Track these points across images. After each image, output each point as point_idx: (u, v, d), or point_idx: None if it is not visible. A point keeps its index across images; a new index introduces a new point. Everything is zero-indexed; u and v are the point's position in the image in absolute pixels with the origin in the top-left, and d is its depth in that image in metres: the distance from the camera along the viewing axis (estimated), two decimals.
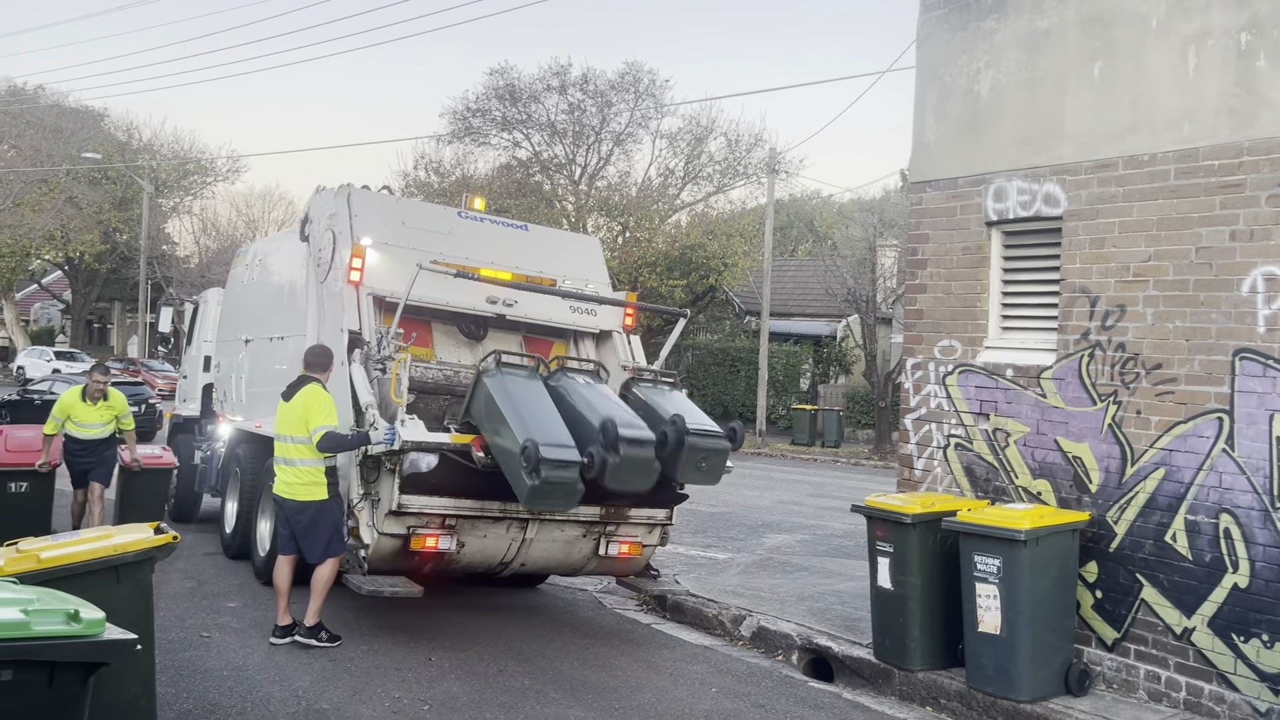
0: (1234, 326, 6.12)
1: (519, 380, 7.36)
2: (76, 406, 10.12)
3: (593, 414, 7.11)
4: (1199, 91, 6.31)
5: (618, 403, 7.58)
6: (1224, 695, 6.09)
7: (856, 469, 24.86)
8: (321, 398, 7.33)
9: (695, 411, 7.73)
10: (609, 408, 7.26)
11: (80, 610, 3.29)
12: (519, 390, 7.23)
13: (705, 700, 6.68)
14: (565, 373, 7.70)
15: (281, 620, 7.31)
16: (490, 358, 7.50)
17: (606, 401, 7.42)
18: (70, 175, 40.52)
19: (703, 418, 7.57)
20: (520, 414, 6.97)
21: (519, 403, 7.08)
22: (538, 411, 7.07)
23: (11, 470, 9.81)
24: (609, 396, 7.59)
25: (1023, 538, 6.28)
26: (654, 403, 7.82)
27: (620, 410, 7.34)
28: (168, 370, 34.48)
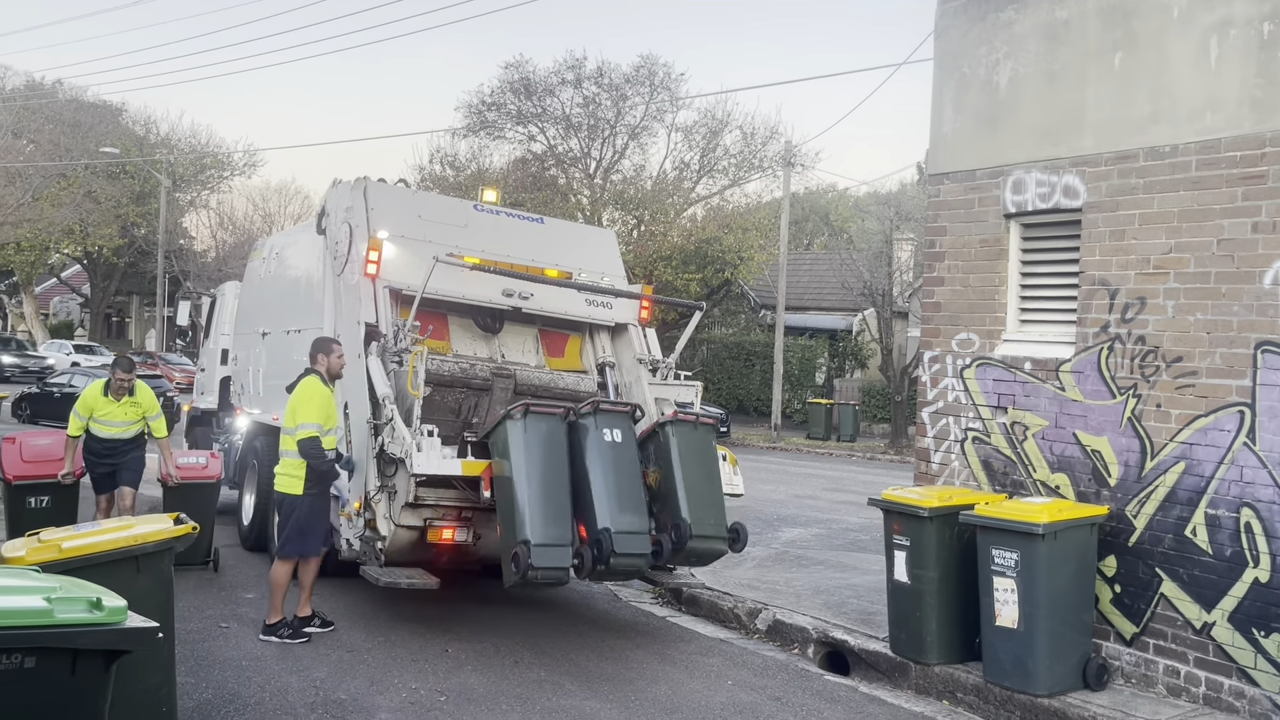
0: (1256, 319, 6.06)
1: (540, 434, 6.98)
2: (99, 402, 9.04)
3: (600, 495, 6.95)
4: (1221, 82, 6.25)
5: (630, 480, 7.15)
6: (1244, 690, 6.04)
7: (872, 463, 24.79)
8: (311, 391, 7.32)
9: (713, 486, 7.46)
10: (615, 493, 6.97)
11: (102, 598, 3.32)
12: (536, 449, 6.93)
13: (721, 693, 6.68)
14: (597, 415, 7.20)
15: (301, 611, 7.35)
16: (519, 407, 7.05)
17: (619, 477, 7.06)
18: (89, 170, 40.76)
19: (715, 498, 7.45)
20: (528, 488, 6.80)
21: (531, 470, 6.85)
22: (545, 487, 6.85)
23: (30, 483, 8.82)
24: (624, 467, 7.14)
25: (1041, 531, 6.24)
26: (676, 472, 7.35)
27: (625, 499, 7.00)
28: (185, 364, 34.70)
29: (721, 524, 7.43)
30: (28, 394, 25.03)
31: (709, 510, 7.36)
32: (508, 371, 8.78)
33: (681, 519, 7.18)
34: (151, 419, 9.18)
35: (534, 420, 6.99)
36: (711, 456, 7.70)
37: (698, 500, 7.32)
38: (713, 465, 7.66)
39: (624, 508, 6.98)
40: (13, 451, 9.01)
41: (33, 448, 9.06)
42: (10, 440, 9.16)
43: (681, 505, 7.26)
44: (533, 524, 6.69)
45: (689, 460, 7.44)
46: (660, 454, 7.50)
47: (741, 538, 7.52)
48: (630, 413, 7.46)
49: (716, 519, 7.39)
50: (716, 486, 7.61)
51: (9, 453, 9.00)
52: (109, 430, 9.04)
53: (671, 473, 7.37)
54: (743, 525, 7.59)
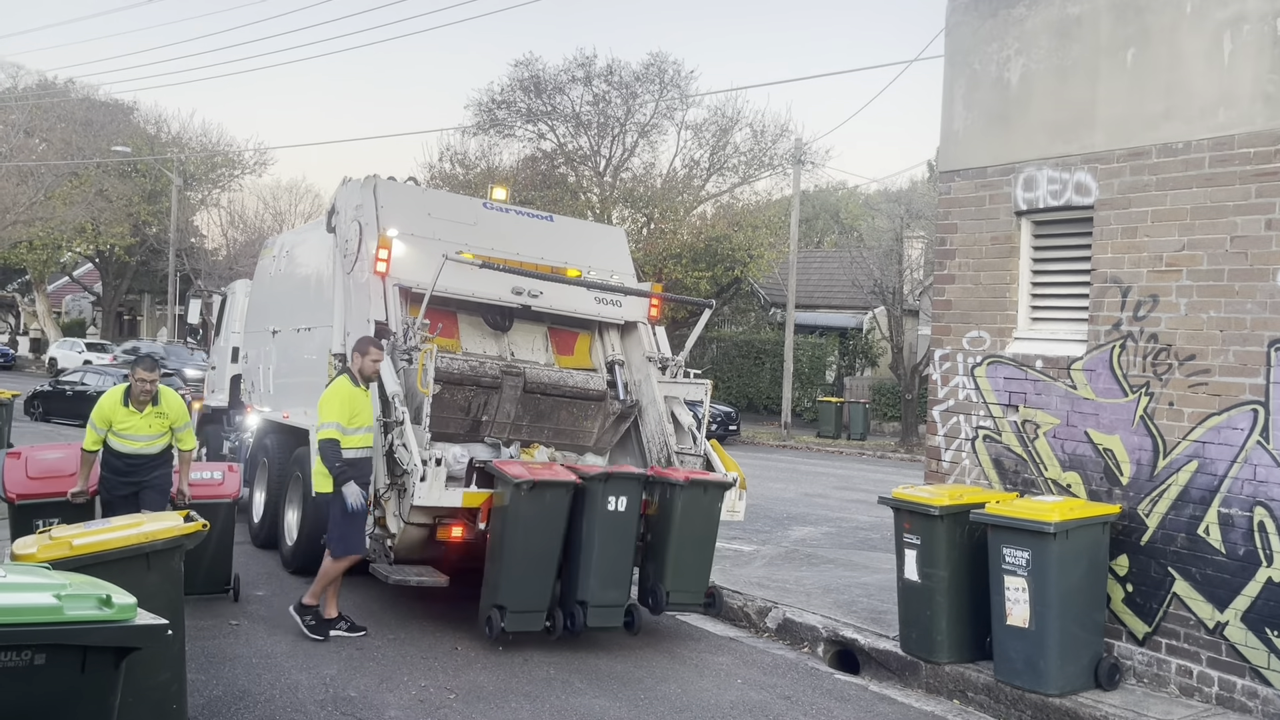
0: (1270, 317, 6.01)
1: (541, 506, 7.01)
2: (119, 413, 7.59)
3: (587, 566, 7.10)
4: (1234, 78, 6.21)
5: (622, 551, 7.26)
6: (1257, 690, 6.00)
7: (883, 462, 24.73)
8: (335, 391, 7.33)
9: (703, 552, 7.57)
10: (602, 567, 7.08)
11: (112, 595, 3.33)
12: (534, 522, 6.99)
13: (731, 691, 6.67)
14: (607, 483, 7.21)
15: (328, 612, 7.34)
16: (526, 480, 6.97)
17: (612, 548, 7.16)
18: (100, 168, 40.93)
19: (703, 562, 7.61)
20: (516, 560, 6.95)
21: (527, 544, 6.95)
22: (532, 560, 6.97)
23: (37, 503, 7.62)
24: (620, 537, 7.23)
25: (1052, 530, 6.21)
26: (673, 536, 7.46)
27: (610, 574, 7.13)
28: (196, 361, 34.80)
29: (702, 587, 7.67)
30: (40, 392, 25.15)
31: (693, 576, 7.60)
32: (517, 369, 8.78)
33: (660, 586, 7.44)
34: (179, 430, 7.83)
35: (538, 493, 7.00)
36: (713, 521, 7.79)
37: (685, 566, 7.55)
38: (711, 529, 7.78)
39: (607, 583, 7.16)
40: (17, 467, 7.79)
41: (41, 462, 7.85)
42: (15, 454, 7.97)
43: (667, 571, 7.48)
44: (509, 592, 6.98)
45: (688, 525, 7.57)
46: (663, 511, 7.59)
47: (716, 603, 7.75)
48: (641, 479, 7.45)
49: (698, 584, 7.64)
50: (708, 550, 7.76)
51: (12, 469, 7.78)
52: (131, 445, 7.64)
53: (667, 535, 7.52)
54: (719, 590, 7.83)
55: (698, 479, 7.67)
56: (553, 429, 9.02)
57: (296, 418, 9.63)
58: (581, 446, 9.09)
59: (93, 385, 23.83)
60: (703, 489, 7.64)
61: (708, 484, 7.69)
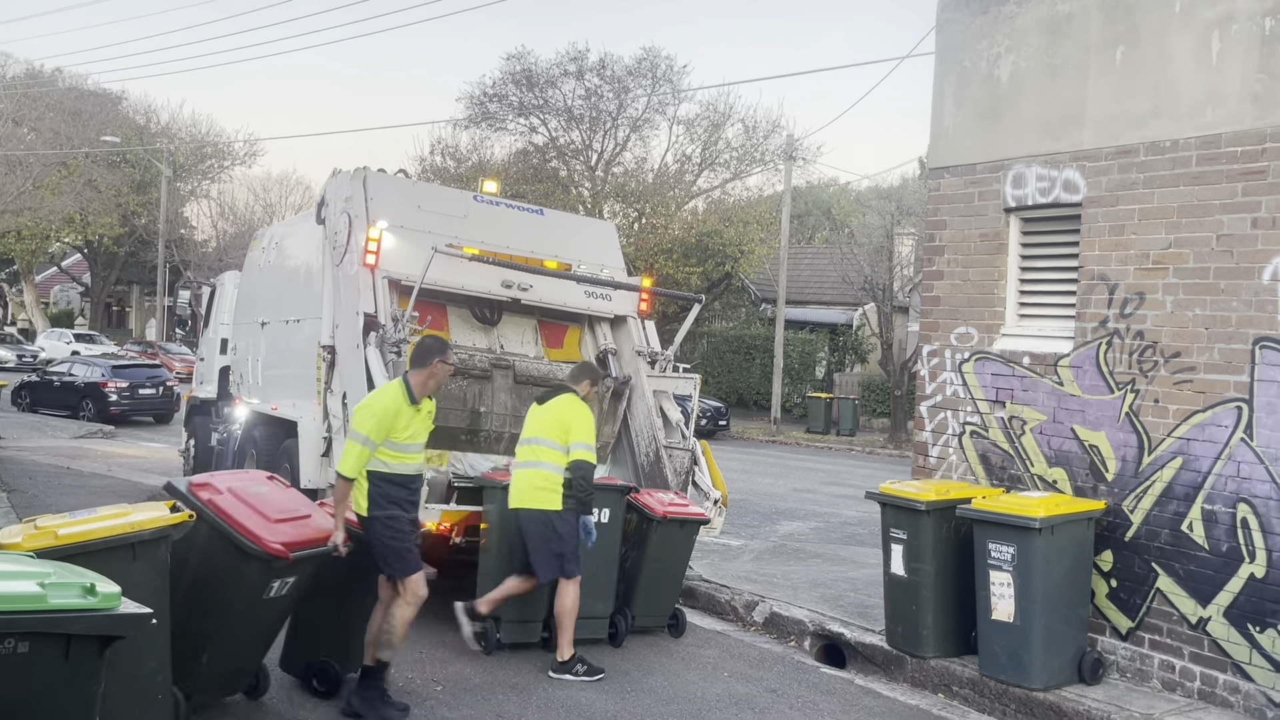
0: (1254, 315, 6.06)
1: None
2: (403, 414, 5.67)
3: None
4: (1222, 77, 6.24)
5: (606, 563, 7.25)
6: (1239, 685, 6.05)
7: (871, 457, 24.79)
8: (586, 414, 6.81)
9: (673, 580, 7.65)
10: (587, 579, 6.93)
11: (96, 584, 3.32)
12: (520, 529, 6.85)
13: (717, 684, 6.69)
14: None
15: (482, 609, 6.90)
16: None
17: (597, 559, 7.10)
18: (89, 158, 40.72)
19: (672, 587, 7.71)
20: (508, 561, 6.92)
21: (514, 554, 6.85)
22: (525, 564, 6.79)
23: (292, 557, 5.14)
24: (604, 549, 7.16)
25: (1038, 526, 6.25)
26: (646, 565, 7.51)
27: (596, 585, 7.06)
28: (185, 353, 34.70)
29: (668, 610, 7.76)
30: (27, 382, 25.03)
31: (660, 600, 7.71)
32: (506, 362, 8.79)
33: (627, 610, 7.47)
34: None
35: None
36: (686, 552, 7.92)
37: (653, 594, 7.65)
38: (683, 559, 7.93)
39: (592, 594, 7.11)
40: (244, 510, 5.21)
41: (266, 499, 5.43)
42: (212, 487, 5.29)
43: (635, 598, 7.55)
44: (504, 603, 6.92)
45: (660, 558, 7.66)
46: (639, 538, 7.63)
47: (680, 624, 7.82)
48: (624, 490, 7.48)
49: (664, 607, 7.74)
50: (678, 577, 7.86)
51: (243, 513, 5.19)
52: (409, 461, 5.76)
53: (640, 564, 7.59)
54: (683, 612, 7.94)
55: (675, 516, 7.61)
56: None
57: (285, 409, 9.62)
58: None
59: (80, 376, 23.75)
60: (679, 525, 7.64)
61: (684, 521, 7.69)
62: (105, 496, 11.43)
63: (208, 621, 5.09)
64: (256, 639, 5.45)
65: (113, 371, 23.63)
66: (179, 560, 5.03)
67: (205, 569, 5.12)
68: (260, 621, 5.37)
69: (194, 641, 5.05)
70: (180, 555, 5.05)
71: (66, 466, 14.86)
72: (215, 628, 5.13)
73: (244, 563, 5.08)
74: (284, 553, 5.15)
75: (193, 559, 5.11)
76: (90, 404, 23.07)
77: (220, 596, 5.12)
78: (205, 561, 5.12)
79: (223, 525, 5.08)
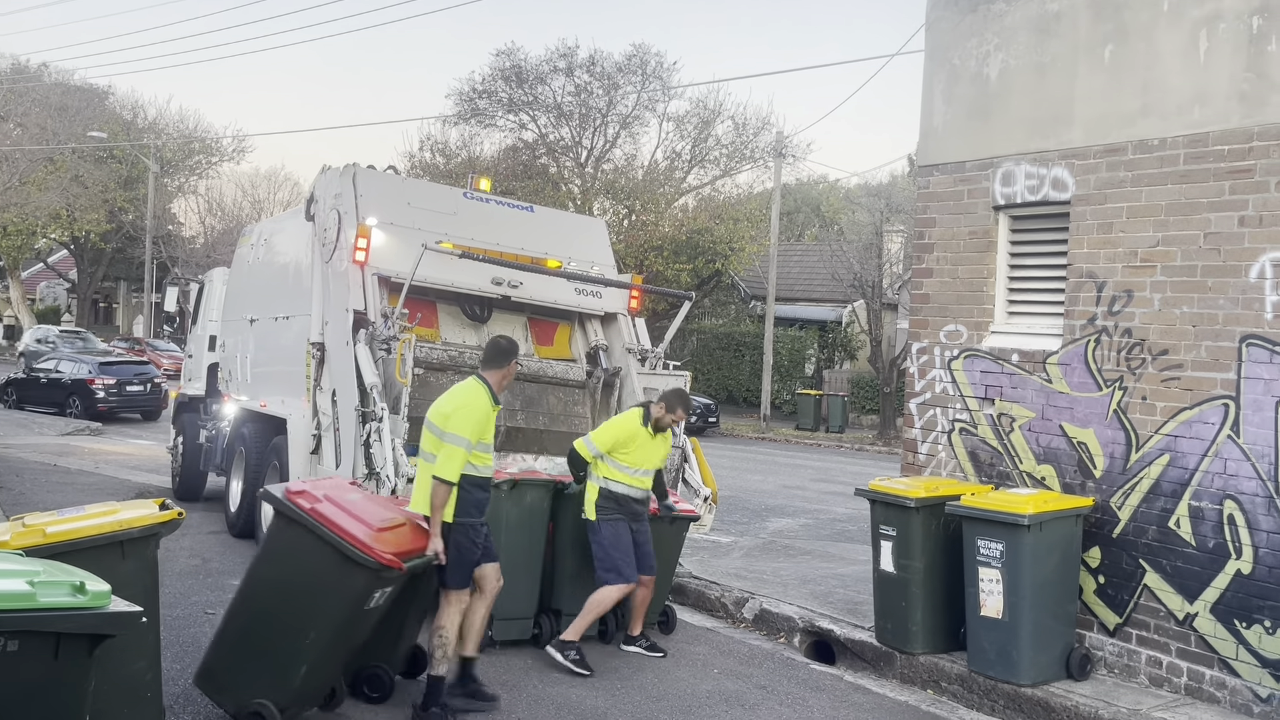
0: (1241, 313, 6.09)
1: (523, 507, 7.01)
2: (490, 415, 5.82)
3: (563, 573, 7.16)
4: (1210, 76, 6.27)
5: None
6: (1225, 681, 6.09)
7: (861, 454, 24.86)
8: (616, 423, 7.12)
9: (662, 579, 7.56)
10: (577, 574, 7.11)
11: (86, 582, 3.31)
12: (515, 522, 6.95)
13: (707, 681, 6.71)
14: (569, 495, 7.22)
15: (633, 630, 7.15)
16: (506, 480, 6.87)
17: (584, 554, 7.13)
18: (76, 154, 40.49)
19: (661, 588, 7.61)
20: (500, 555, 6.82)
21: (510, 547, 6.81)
22: (519, 563, 6.86)
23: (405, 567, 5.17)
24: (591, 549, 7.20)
25: (1026, 523, 6.27)
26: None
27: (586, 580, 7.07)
28: (173, 350, 34.55)
29: (658, 607, 7.70)
30: (13, 379, 24.88)
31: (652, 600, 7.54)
32: None
33: (610, 617, 7.33)
34: None
35: (518, 493, 6.97)
36: (676, 549, 7.90)
37: None
38: (673, 557, 7.89)
39: (581, 590, 7.10)
40: (344, 515, 5.14)
41: (363, 507, 5.39)
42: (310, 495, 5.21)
43: None
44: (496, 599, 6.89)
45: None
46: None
47: (670, 621, 7.78)
48: None
49: (654, 604, 7.61)
50: (667, 574, 7.80)
51: (347, 521, 5.11)
52: (488, 461, 5.91)
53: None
54: (672, 609, 7.92)
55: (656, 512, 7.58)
56: (546, 414, 9.04)
57: (274, 407, 9.59)
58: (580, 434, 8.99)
59: (67, 373, 23.62)
60: (668, 522, 7.63)
61: (674, 518, 7.68)
62: (93, 494, 11.40)
63: (309, 634, 5.05)
64: (350, 649, 5.39)
65: (100, 368, 23.51)
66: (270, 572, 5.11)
67: (306, 580, 5.05)
68: (357, 632, 5.30)
69: (293, 654, 5.06)
70: (273, 566, 5.13)
71: (54, 464, 14.79)
72: (317, 640, 5.06)
73: (351, 573, 4.99)
74: (397, 563, 5.08)
75: (290, 570, 5.09)
76: (77, 401, 22.96)
77: (324, 608, 5.05)
78: (305, 573, 5.05)
79: (331, 535, 4.99)
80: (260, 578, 5.29)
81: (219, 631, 5.41)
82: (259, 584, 5.26)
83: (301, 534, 5.03)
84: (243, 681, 5.16)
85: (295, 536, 5.04)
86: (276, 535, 5.27)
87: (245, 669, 5.18)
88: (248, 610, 5.27)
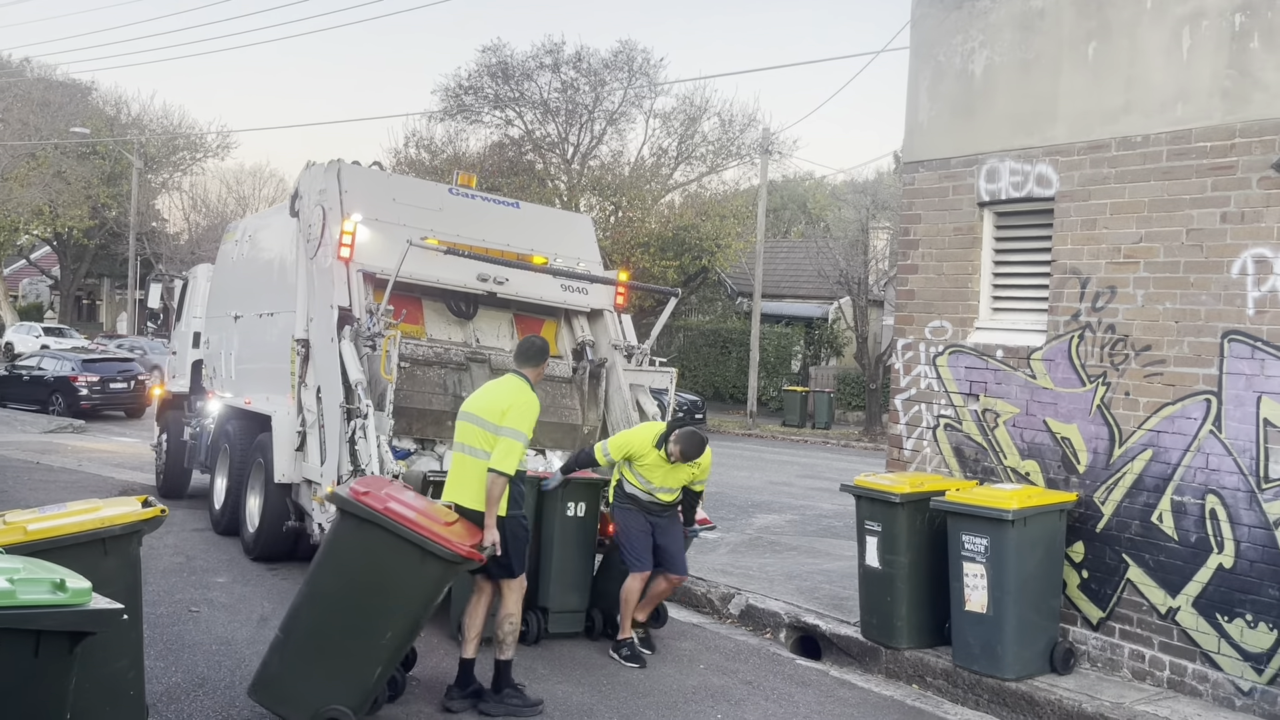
0: (1223, 308, 6.13)
1: None
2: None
3: (548, 571, 7.12)
4: (1193, 73, 6.30)
5: (582, 556, 7.33)
6: (1207, 674, 6.14)
7: (847, 450, 24.92)
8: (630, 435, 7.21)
9: None
10: (563, 571, 7.15)
11: (67, 580, 3.29)
12: None
13: (693, 676, 6.72)
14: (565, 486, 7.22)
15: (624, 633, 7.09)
16: None
17: (573, 552, 7.24)
18: (58, 150, 40.19)
19: None
20: None
21: None
22: None
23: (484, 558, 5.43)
24: (580, 542, 7.29)
25: (1010, 518, 6.30)
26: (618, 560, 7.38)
27: (571, 579, 7.21)
28: (156, 348, 34.31)
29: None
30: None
31: None
32: (482, 356, 8.76)
33: (596, 614, 7.43)
34: None
35: None
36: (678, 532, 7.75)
37: None
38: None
39: (567, 587, 7.18)
40: (415, 513, 5.23)
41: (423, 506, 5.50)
42: (375, 495, 5.25)
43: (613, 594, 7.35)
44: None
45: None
46: None
47: (661, 616, 7.64)
48: (600, 484, 7.39)
49: None
50: None
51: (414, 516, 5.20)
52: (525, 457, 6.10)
53: (616, 560, 7.44)
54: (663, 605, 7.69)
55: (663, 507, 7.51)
56: None
57: (259, 403, 9.54)
58: (572, 425, 8.97)
59: (50, 370, 23.46)
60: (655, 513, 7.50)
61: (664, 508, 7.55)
62: (76, 492, 11.33)
63: (386, 633, 5.10)
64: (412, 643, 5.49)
65: (83, 365, 23.36)
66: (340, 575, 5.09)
67: (381, 580, 5.11)
68: (420, 627, 5.43)
69: (369, 655, 5.10)
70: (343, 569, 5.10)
71: (36, 461, 14.69)
72: (394, 639, 5.14)
73: (431, 569, 5.10)
74: (477, 555, 5.27)
75: (365, 571, 5.10)
76: (60, 398, 22.80)
77: (404, 606, 5.13)
78: (382, 572, 5.10)
79: (412, 534, 5.06)
80: (328, 582, 5.20)
81: (279, 642, 5.24)
82: (326, 588, 5.18)
83: (378, 534, 5.08)
84: (311, 689, 5.06)
85: (370, 537, 5.09)
86: (346, 537, 5.20)
87: (314, 676, 5.08)
88: (314, 616, 5.17)
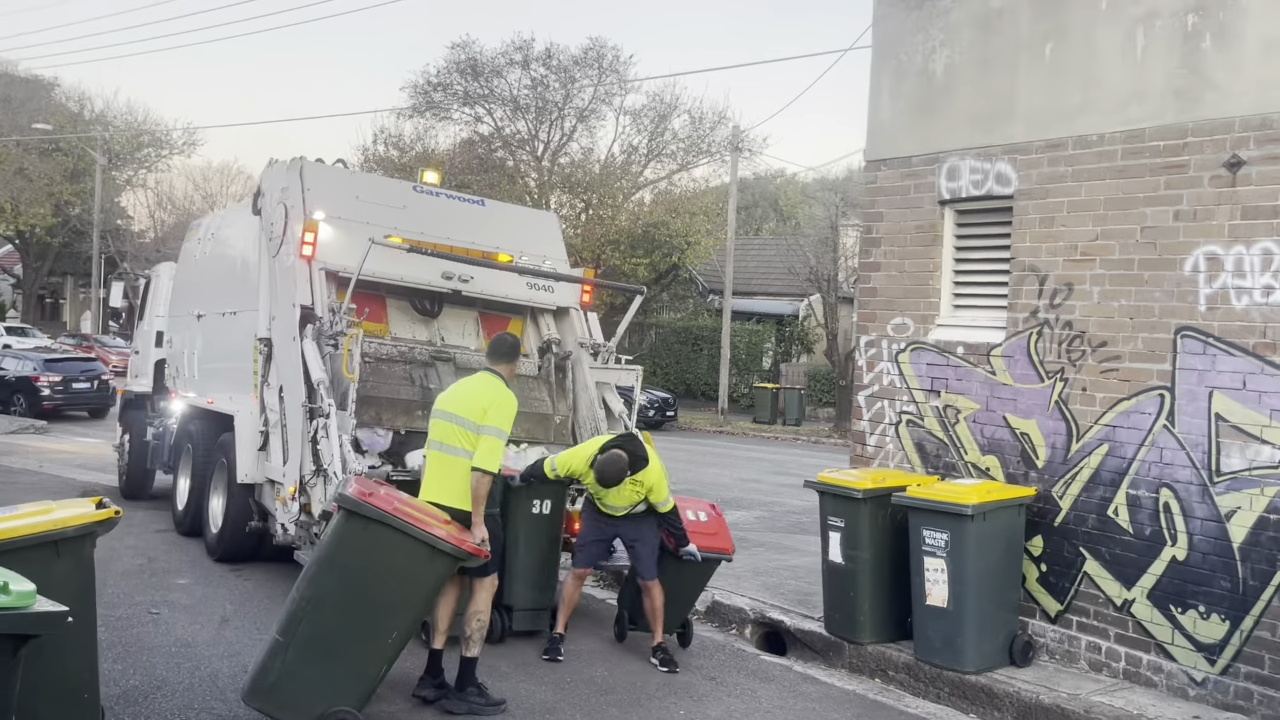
0: (1176, 305, 6.23)
1: None
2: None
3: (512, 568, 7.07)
4: (1146, 72, 6.39)
5: (548, 553, 7.35)
6: (1162, 665, 6.23)
7: (817, 447, 25.04)
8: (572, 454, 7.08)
9: None
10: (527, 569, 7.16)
11: (10, 583, 3.25)
12: None
13: (657, 674, 6.73)
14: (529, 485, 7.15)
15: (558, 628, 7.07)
16: None
17: (537, 550, 7.25)
18: (20, 146, 39.59)
19: None
20: None
21: None
22: None
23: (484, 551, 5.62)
24: (544, 539, 7.31)
25: (970, 513, 6.37)
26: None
27: (535, 576, 7.22)
28: (121, 346, 33.91)
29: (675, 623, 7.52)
30: None
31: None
32: (447, 354, 8.73)
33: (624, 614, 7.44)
34: None
35: None
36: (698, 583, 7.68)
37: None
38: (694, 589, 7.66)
39: (531, 585, 7.18)
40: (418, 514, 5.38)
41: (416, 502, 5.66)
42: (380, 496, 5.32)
43: None
44: None
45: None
46: None
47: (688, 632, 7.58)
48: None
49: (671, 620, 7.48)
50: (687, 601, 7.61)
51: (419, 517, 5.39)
52: None
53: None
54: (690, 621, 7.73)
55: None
56: None
57: (222, 403, 9.46)
58: (543, 415, 8.93)
59: (11, 370, 23.11)
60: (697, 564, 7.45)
61: (705, 559, 7.44)
62: (35, 494, 11.16)
63: (393, 631, 5.16)
64: None
65: (45, 365, 23.03)
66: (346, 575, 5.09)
67: (389, 579, 5.15)
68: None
69: (375, 654, 5.13)
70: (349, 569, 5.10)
71: None
72: (400, 637, 5.22)
73: (438, 566, 5.23)
74: (484, 551, 5.46)
75: (371, 570, 5.11)
76: (22, 399, 22.47)
77: (411, 603, 5.24)
78: (389, 572, 5.14)
79: (421, 533, 5.13)
80: (331, 583, 5.14)
81: (279, 646, 5.11)
82: (330, 590, 5.12)
83: (386, 533, 5.11)
84: (314, 692, 4.99)
85: (378, 536, 5.11)
86: (352, 538, 5.16)
87: (316, 679, 5.01)
88: (318, 618, 5.08)
